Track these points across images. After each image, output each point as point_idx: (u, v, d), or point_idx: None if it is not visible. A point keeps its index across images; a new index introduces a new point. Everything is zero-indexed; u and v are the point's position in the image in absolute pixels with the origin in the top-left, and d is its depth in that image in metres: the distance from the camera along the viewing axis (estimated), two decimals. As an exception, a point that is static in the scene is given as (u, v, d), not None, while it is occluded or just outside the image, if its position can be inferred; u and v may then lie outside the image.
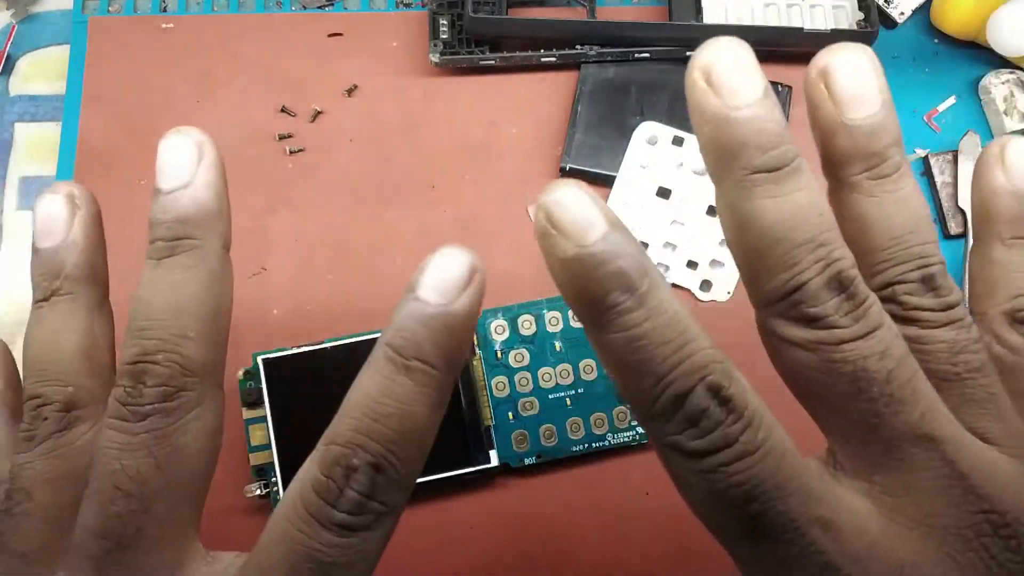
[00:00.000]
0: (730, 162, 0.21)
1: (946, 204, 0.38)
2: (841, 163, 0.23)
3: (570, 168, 0.37)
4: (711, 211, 0.37)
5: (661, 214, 0.37)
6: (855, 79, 0.22)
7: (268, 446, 0.32)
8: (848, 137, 0.22)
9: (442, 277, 0.21)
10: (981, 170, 0.23)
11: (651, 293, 0.20)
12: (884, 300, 0.21)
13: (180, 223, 0.22)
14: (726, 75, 0.20)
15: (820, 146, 0.23)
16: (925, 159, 0.39)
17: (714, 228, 0.37)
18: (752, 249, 0.21)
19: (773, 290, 0.21)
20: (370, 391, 0.21)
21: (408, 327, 0.21)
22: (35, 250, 0.24)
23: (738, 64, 0.20)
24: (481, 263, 0.22)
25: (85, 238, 0.25)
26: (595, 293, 0.19)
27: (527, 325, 0.34)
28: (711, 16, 0.38)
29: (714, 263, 0.37)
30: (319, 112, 0.38)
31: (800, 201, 0.21)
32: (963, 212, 0.38)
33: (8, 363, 0.27)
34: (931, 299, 0.21)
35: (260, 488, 0.32)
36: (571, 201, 0.19)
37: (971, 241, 0.37)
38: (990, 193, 0.23)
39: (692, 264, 0.36)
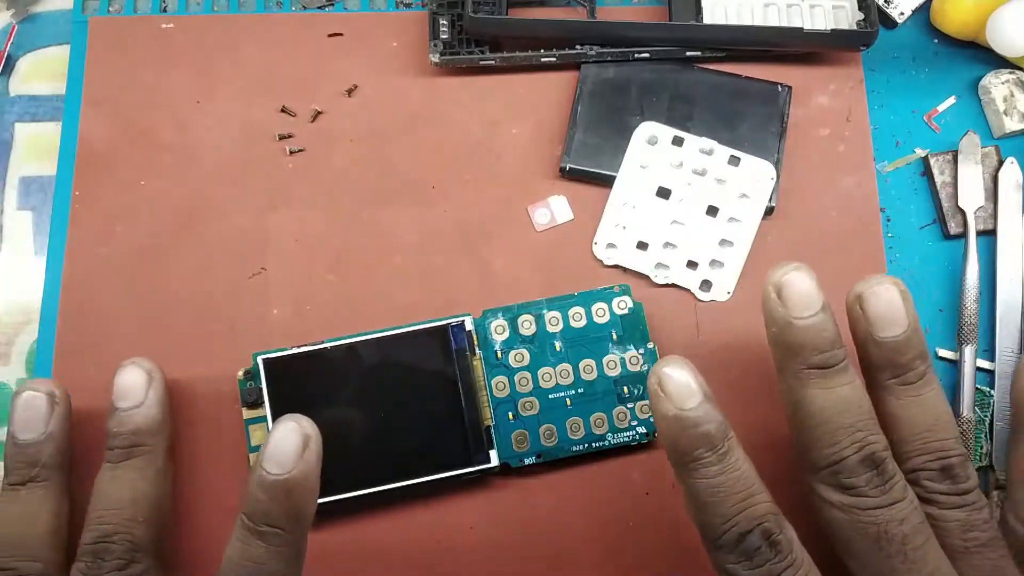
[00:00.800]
0: (791, 358, 0.27)
1: (946, 204, 0.38)
2: (874, 369, 0.28)
3: (570, 168, 0.37)
4: (711, 211, 0.37)
5: (661, 214, 0.37)
6: (885, 305, 0.27)
7: None
8: (878, 350, 0.28)
9: (279, 450, 0.26)
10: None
11: (729, 453, 0.26)
12: (910, 482, 0.27)
13: (134, 434, 0.29)
14: (793, 292, 0.27)
15: (857, 352, 0.29)
16: (925, 159, 0.39)
17: (714, 228, 0.37)
18: (804, 427, 0.27)
19: (819, 460, 0.27)
20: (232, 556, 0.26)
21: (255, 496, 0.26)
22: (13, 438, 0.29)
23: (802, 285, 0.27)
24: (315, 429, 0.27)
25: (61, 433, 0.30)
26: (686, 446, 0.26)
27: (527, 325, 0.34)
28: (711, 16, 0.38)
29: (714, 263, 0.37)
30: (319, 112, 0.38)
31: (844, 394, 0.27)
32: (962, 212, 0.38)
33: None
34: (947, 486, 0.27)
35: None
36: (677, 375, 0.26)
37: (971, 241, 0.37)
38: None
39: (692, 264, 0.36)
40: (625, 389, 0.34)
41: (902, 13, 0.40)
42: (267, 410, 0.32)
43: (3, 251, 0.38)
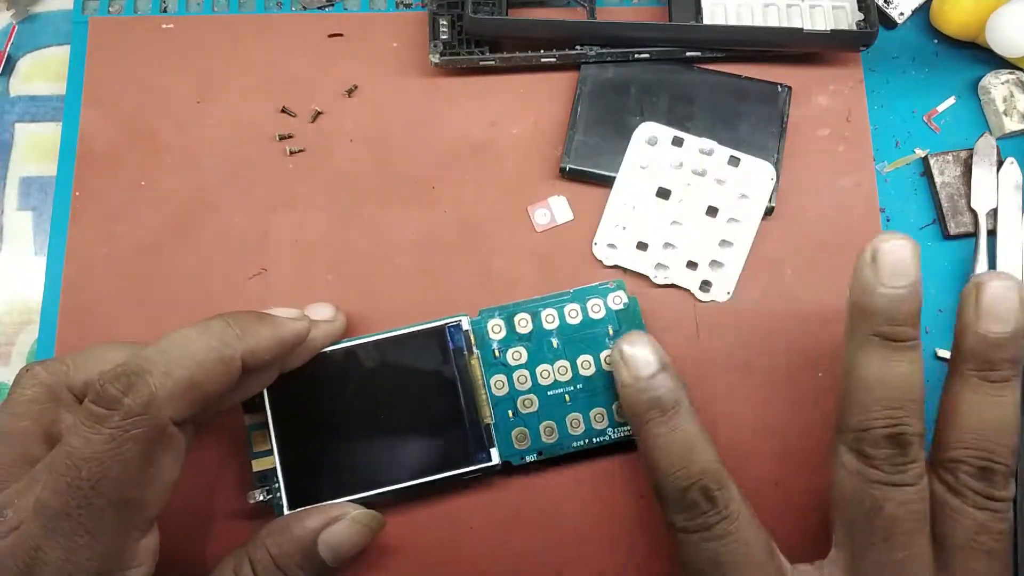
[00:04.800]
0: (863, 321, 0.27)
1: (946, 204, 0.38)
2: (963, 356, 0.28)
3: (570, 168, 0.37)
4: (711, 211, 0.37)
5: (661, 214, 0.37)
6: (1000, 303, 0.27)
7: (270, 452, 0.32)
8: (975, 340, 0.27)
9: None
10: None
11: (676, 416, 0.29)
12: (946, 470, 0.28)
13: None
14: (888, 259, 0.27)
15: (955, 334, 0.28)
16: (925, 159, 0.39)
17: (714, 228, 0.37)
18: (849, 388, 0.28)
19: (849, 422, 0.28)
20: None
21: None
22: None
23: (900, 254, 0.27)
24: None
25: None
26: (639, 409, 0.30)
27: (523, 323, 0.34)
28: (711, 16, 0.38)
29: (714, 263, 0.37)
30: (319, 112, 0.38)
31: (899, 371, 0.27)
32: (973, 212, 0.38)
33: None
34: (981, 486, 0.27)
35: (263, 494, 0.32)
36: (636, 348, 0.30)
37: (982, 241, 0.37)
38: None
39: (692, 264, 0.36)
40: None
41: (902, 13, 0.40)
42: (268, 416, 0.32)
43: (3, 251, 0.38)
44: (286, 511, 0.32)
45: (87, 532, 0.24)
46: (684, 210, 0.37)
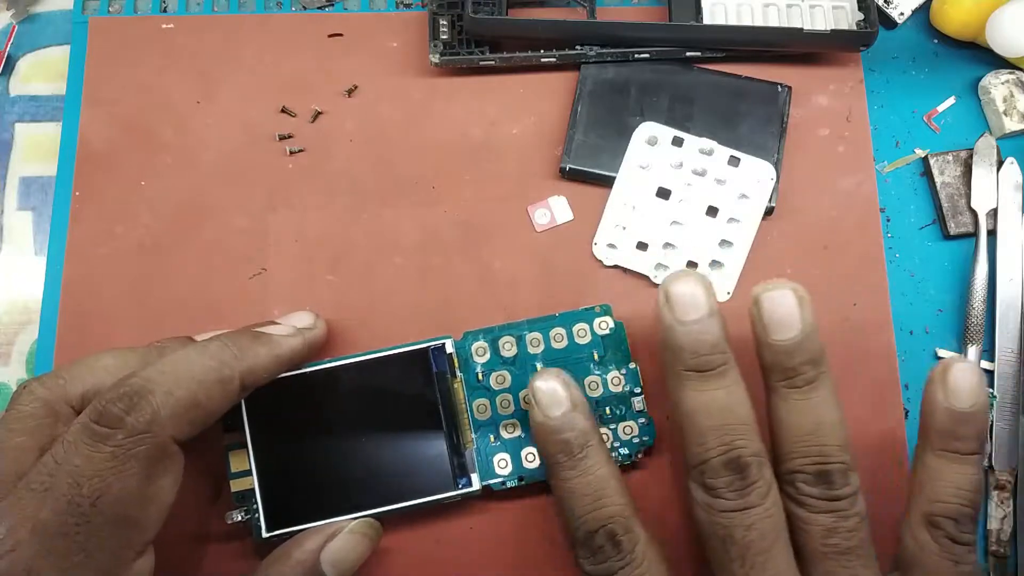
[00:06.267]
0: (673, 359, 0.29)
1: (946, 204, 0.38)
2: (765, 371, 0.30)
3: (570, 168, 0.37)
4: (711, 211, 0.37)
5: (661, 214, 0.37)
6: (777, 309, 0.29)
7: (249, 472, 0.32)
8: (769, 352, 0.29)
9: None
10: (927, 386, 0.29)
11: (586, 459, 0.29)
12: (787, 484, 0.28)
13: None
14: (679, 297, 0.28)
15: (756, 353, 0.30)
16: (925, 159, 0.39)
17: (714, 228, 0.37)
18: (681, 425, 0.29)
19: (689, 459, 0.29)
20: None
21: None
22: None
23: (687, 289, 0.28)
24: None
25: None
26: (548, 451, 0.30)
27: (508, 347, 0.34)
28: (711, 16, 0.38)
29: (714, 263, 0.37)
30: (319, 112, 0.38)
31: (718, 397, 0.28)
32: (973, 212, 0.38)
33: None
34: (819, 490, 0.28)
35: (241, 514, 0.32)
36: (546, 386, 0.29)
37: (982, 241, 0.37)
38: (929, 407, 0.29)
39: (692, 264, 0.36)
40: (607, 410, 0.33)
41: (902, 13, 0.40)
42: (247, 436, 0.32)
43: (3, 251, 0.38)
44: (264, 532, 0.32)
45: (83, 551, 0.24)
46: (684, 210, 0.37)
